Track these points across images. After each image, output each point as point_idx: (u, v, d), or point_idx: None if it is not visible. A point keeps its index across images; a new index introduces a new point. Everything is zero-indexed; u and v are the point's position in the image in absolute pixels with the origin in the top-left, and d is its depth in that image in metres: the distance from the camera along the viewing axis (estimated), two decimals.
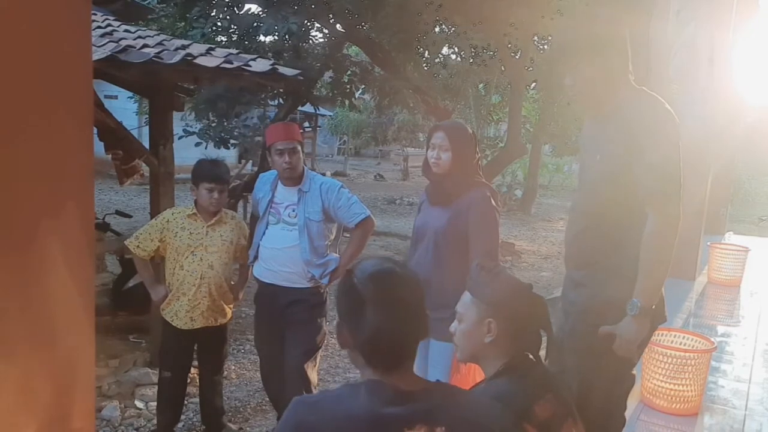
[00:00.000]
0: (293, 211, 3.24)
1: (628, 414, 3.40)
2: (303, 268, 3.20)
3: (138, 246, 3.29)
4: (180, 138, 5.78)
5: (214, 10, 7.95)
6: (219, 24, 8.17)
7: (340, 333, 1.36)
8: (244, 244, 3.46)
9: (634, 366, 2.21)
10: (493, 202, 2.69)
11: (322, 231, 3.26)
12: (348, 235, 3.46)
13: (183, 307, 3.30)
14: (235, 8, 8.12)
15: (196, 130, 10.06)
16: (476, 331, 1.70)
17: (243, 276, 3.63)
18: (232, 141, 10.38)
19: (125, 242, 3.40)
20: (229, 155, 18.91)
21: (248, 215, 3.80)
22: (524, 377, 1.62)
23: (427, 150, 2.77)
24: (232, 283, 3.52)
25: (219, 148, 10.17)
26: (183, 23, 8.24)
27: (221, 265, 3.34)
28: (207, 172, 3.29)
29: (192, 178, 3.33)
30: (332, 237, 3.35)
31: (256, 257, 3.34)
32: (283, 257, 3.23)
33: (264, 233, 3.30)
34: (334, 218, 3.31)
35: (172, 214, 3.35)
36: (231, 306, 3.51)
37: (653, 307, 2.01)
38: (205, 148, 10.01)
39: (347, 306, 1.34)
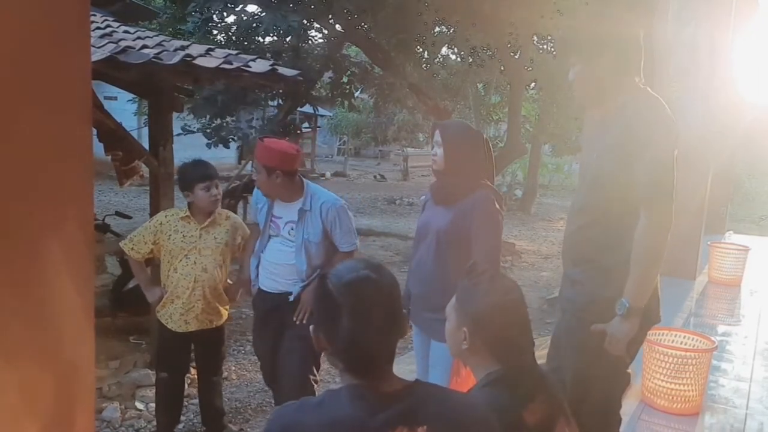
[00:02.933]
0: (293, 229, 3.19)
1: (629, 414, 3.42)
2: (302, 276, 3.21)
3: (132, 248, 3.28)
4: (177, 135, 5.74)
5: (210, 4, 7.97)
6: (214, 18, 8.18)
7: (317, 338, 1.34)
8: (241, 243, 3.43)
9: (628, 365, 2.21)
10: (496, 204, 2.68)
11: (320, 251, 3.21)
12: None
13: (177, 310, 3.28)
14: (231, 5, 8.13)
15: (195, 129, 10.05)
16: (455, 336, 1.69)
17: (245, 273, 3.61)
18: (232, 138, 10.36)
19: (120, 244, 3.40)
20: (228, 155, 18.92)
21: (248, 216, 3.78)
22: (511, 386, 1.59)
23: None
24: (230, 282, 3.49)
25: (216, 146, 10.17)
26: (179, 17, 8.26)
27: (215, 267, 3.31)
28: (199, 172, 3.25)
29: (182, 184, 3.28)
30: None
31: (257, 272, 3.32)
32: (284, 272, 3.22)
33: (266, 246, 3.27)
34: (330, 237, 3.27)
35: (166, 216, 3.33)
36: (227, 307, 3.48)
37: (642, 307, 2.01)
38: (214, 147, 10.01)
39: (323, 313, 1.34)
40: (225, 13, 8.28)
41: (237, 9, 8.18)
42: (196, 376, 3.75)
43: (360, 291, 1.29)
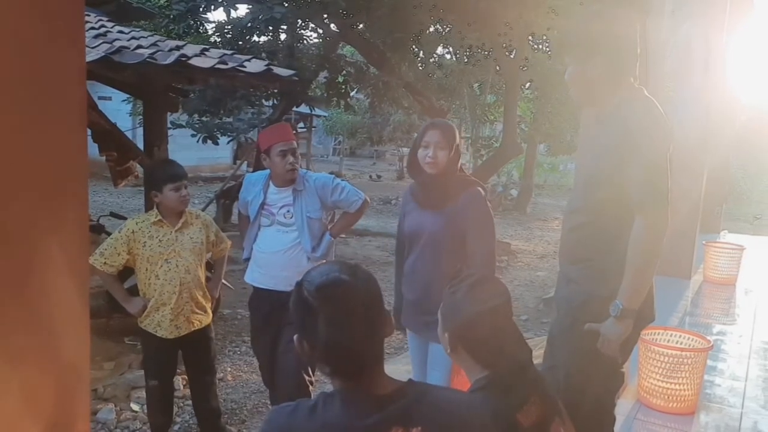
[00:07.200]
0: (288, 211, 3.21)
1: (625, 413, 3.43)
2: (305, 266, 3.18)
3: (105, 262, 3.15)
4: (168, 129, 5.71)
5: None
6: (200, 10, 8.21)
7: (301, 345, 1.33)
8: (214, 240, 3.42)
9: (622, 364, 2.21)
10: (488, 203, 2.68)
11: (322, 225, 3.29)
12: None
13: (166, 317, 3.20)
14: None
15: (183, 123, 10.05)
16: (442, 340, 1.71)
17: (218, 273, 3.60)
18: (222, 134, 10.35)
19: (90, 260, 3.10)
20: (224, 156, 18.91)
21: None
22: (501, 390, 1.59)
23: (417, 149, 2.64)
24: (209, 274, 3.46)
25: (205, 142, 10.18)
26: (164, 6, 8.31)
27: (197, 267, 3.26)
28: (168, 172, 3.19)
29: (152, 184, 3.22)
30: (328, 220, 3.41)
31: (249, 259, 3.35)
32: (281, 261, 3.20)
33: (257, 236, 3.28)
34: (333, 208, 3.38)
35: (136, 223, 3.22)
36: (210, 305, 3.44)
37: (636, 309, 2.01)
38: (202, 143, 10.00)
39: (301, 319, 1.32)
40: (212, 6, 8.28)
41: (224, 2, 8.19)
42: (188, 377, 3.71)
43: (333, 295, 1.28)
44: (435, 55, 12.44)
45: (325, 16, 8.82)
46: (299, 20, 8.86)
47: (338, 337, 1.27)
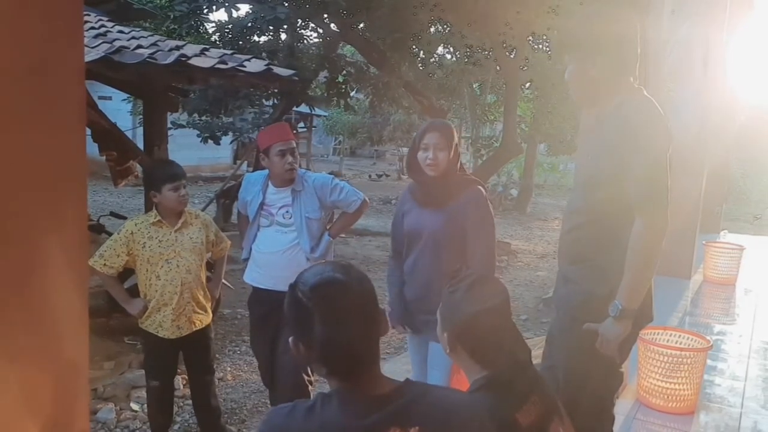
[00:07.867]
0: (287, 212, 3.21)
1: (624, 413, 3.43)
2: (304, 266, 3.17)
3: (105, 264, 3.14)
4: (168, 129, 5.72)
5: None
6: (203, 10, 8.24)
7: (296, 347, 1.32)
8: (214, 240, 3.42)
9: (620, 364, 2.21)
10: (488, 202, 2.68)
11: (321, 226, 3.28)
12: None
13: (167, 317, 3.20)
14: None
15: (184, 123, 10.07)
16: (441, 339, 1.72)
17: (218, 272, 3.61)
18: (224, 134, 10.38)
19: (89, 263, 3.08)
20: (224, 156, 18.91)
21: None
22: (500, 390, 1.59)
23: (416, 150, 2.64)
24: (209, 274, 3.46)
25: (207, 142, 10.18)
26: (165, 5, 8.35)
27: (197, 267, 3.27)
28: (167, 172, 3.19)
29: (151, 185, 3.23)
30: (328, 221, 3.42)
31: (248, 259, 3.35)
32: (281, 261, 3.20)
33: (256, 236, 3.28)
34: (332, 208, 3.38)
35: (135, 224, 3.21)
36: (210, 305, 3.45)
37: (635, 309, 2.01)
38: (204, 143, 10.02)
39: (296, 320, 1.32)
40: (214, 6, 8.30)
41: (226, 3, 8.21)
42: (188, 377, 3.71)
43: (327, 294, 1.28)
44: (435, 55, 12.44)
45: (326, 15, 8.83)
46: (299, 20, 8.87)
47: (334, 336, 1.26)
